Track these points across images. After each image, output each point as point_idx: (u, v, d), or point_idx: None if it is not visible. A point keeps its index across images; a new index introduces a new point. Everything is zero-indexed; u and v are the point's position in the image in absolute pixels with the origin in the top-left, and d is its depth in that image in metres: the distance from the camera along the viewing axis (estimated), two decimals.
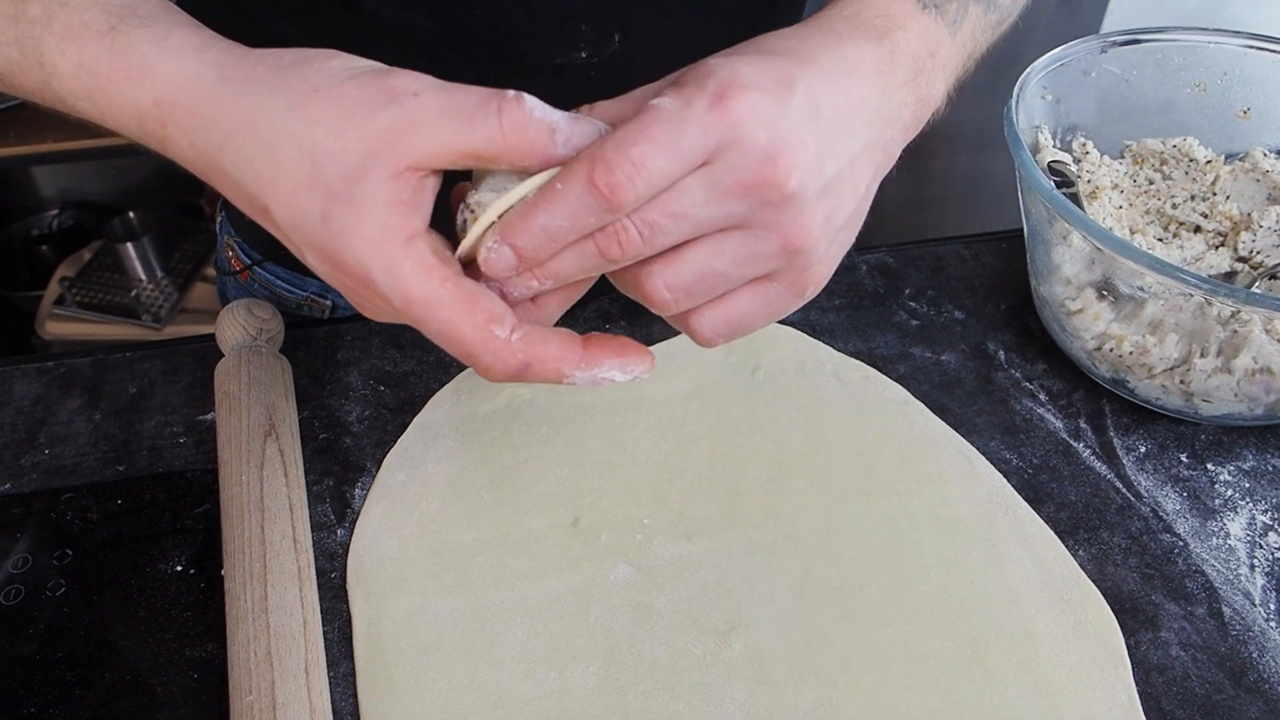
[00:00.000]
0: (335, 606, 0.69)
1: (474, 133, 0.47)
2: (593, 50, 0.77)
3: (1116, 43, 0.91)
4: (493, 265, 0.49)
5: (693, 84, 0.49)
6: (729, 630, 0.68)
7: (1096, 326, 0.81)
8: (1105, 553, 0.74)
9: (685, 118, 0.48)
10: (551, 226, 0.48)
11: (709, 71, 0.49)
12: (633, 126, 0.47)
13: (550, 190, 0.48)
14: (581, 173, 0.47)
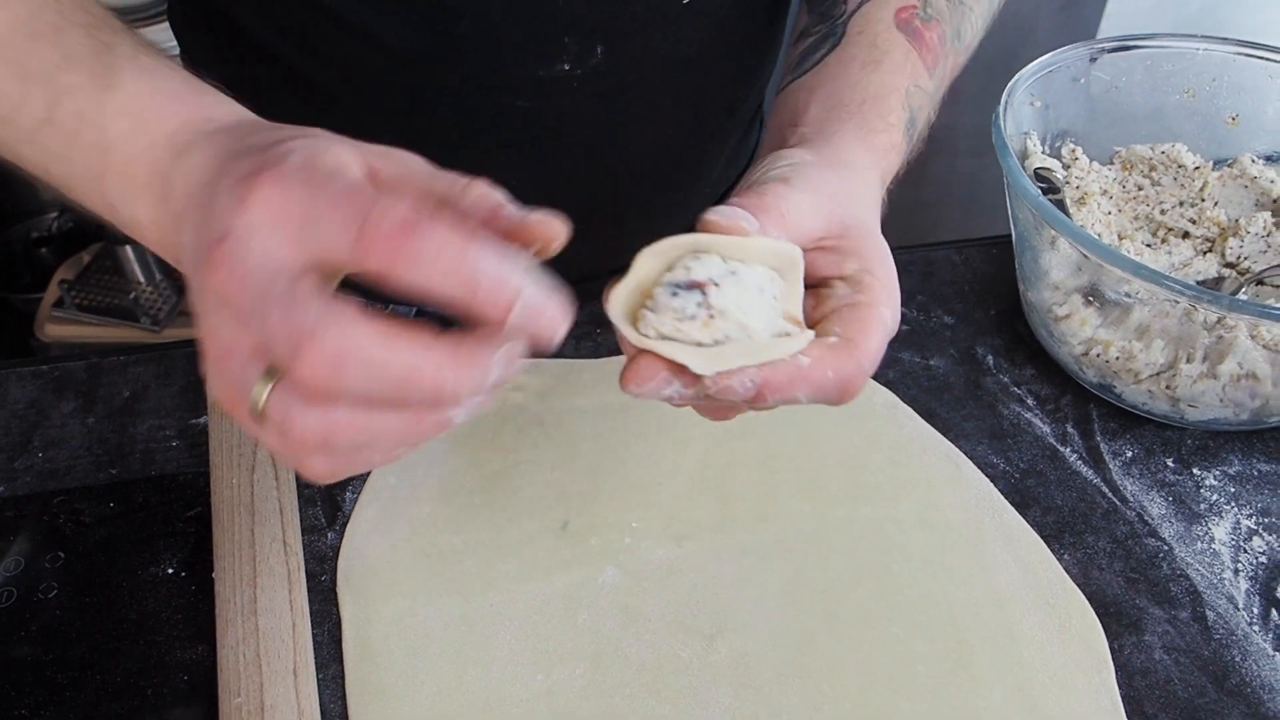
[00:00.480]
0: (325, 609, 0.69)
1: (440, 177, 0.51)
2: (575, 62, 0.78)
3: (1106, 49, 0.92)
4: (732, 391, 0.51)
5: (891, 293, 0.57)
6: (715, 633, 0.68)
7: (1084, 332, 0.81)
8: (1090, 557, 0.74)
9: (891, 333, 0.56)
10: (799, 397, 0.53)
11: (894, 280, 0.58)
12: (876, 340, 0.55)
13: (820, 372, 0.53)
14: (848, 373, 0.53)
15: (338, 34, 0.77)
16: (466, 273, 0.42)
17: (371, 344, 0.42)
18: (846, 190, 0.61)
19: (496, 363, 0.44)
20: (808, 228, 0.56)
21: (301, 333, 0.42)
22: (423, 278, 0.42)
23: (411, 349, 0.43)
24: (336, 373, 0.42)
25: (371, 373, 0.43)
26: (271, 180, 0.44)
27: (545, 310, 0.44)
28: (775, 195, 0.56)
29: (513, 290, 0.43)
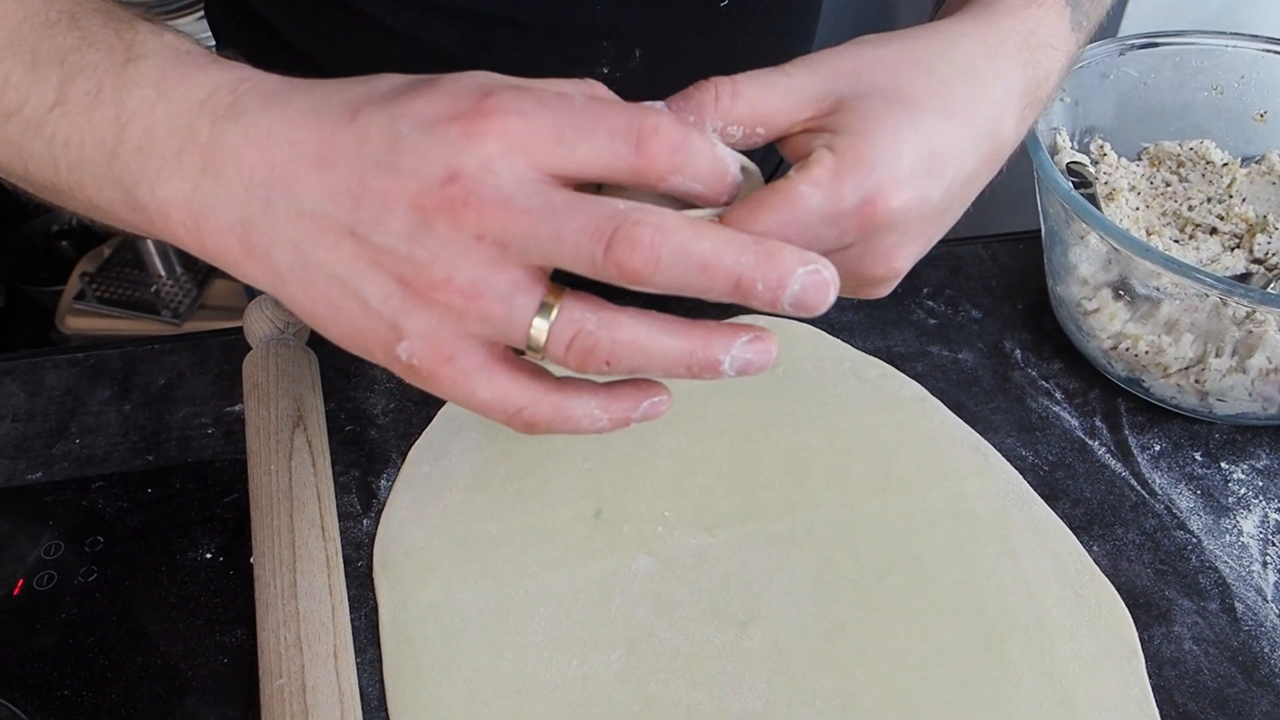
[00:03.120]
0: (361, 594, 0.70)
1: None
2: (614, 66, 0.79)
3: (1135, 46, 0.92)
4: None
5: (851, 167, 0.47)
6: (748, 621, 0.69)
7: (1113, 326, 0.82)
8: (1119, 549, 0.75)
9: (818, 220, 0.47)
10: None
11: (870, 159, 0.48)
12: (767, 216, 0.46)
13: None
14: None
15: (379, 40, 0.78)
16: (721, 163, 0.45)
17: (680, 229, 0.42)
18: (889, 58, 0.52)
19: (796, 277, 0.44)
20: (776, 109, 0.50)
21: (612, 223, 0.42)
22: (691, 175, 0.44)
23: (715, 235, 0.43)
24: (653, 260, 0.42)
25: (683, 261, 0.43)
26: (503, 110, 0.42)
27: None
28: (720, 82, 0.50)
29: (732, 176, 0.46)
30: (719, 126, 0.50)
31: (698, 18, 0.79)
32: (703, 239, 0.43)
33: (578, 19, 0.76)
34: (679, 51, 0.80)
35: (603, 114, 0.43)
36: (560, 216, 0.42)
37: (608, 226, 0.42)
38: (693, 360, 0.46)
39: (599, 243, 0.42)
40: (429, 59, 0.78)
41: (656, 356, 0.45)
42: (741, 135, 0.50)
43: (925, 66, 0.52)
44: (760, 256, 0.43)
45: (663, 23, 0.78)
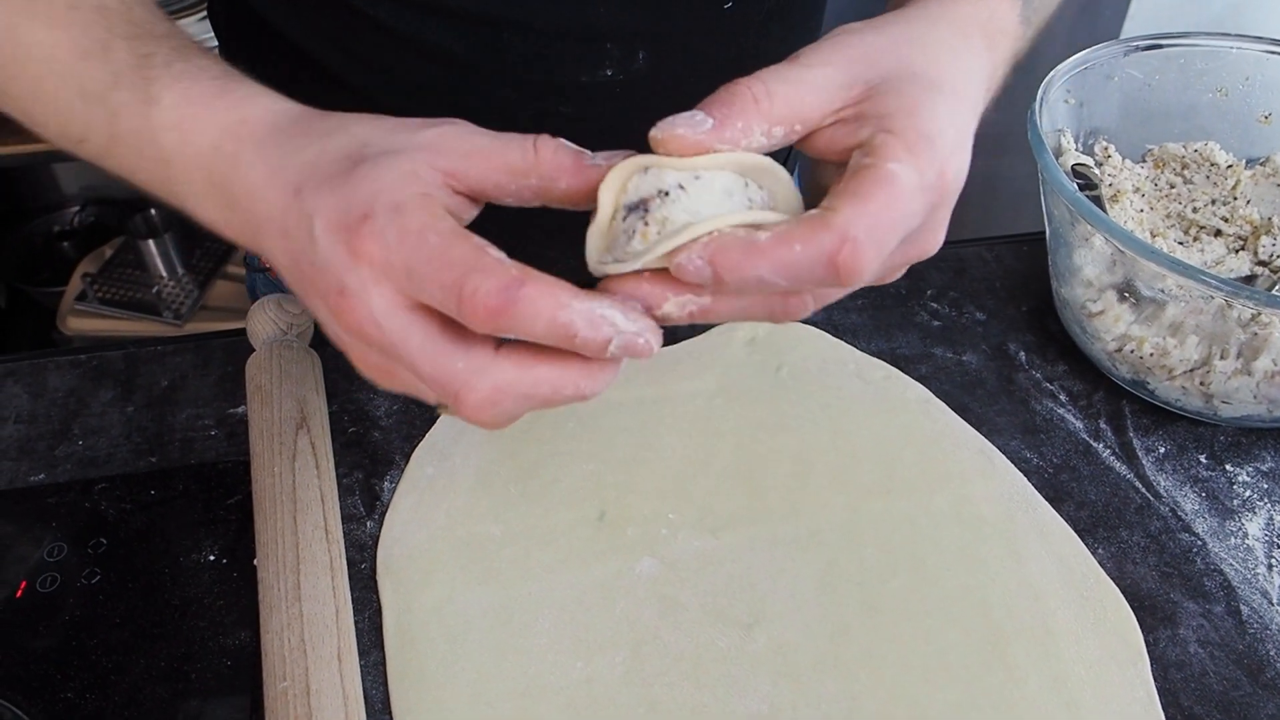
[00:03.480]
0: (365, 597, 0.70)
1: (509, 147, 0.49)
2: (618, 69, 0.79)
3: (1139, 47, 0.92)
4: (686, 272, 0.47)
5: (922, 142, 0.49)
6: (753, 623, 0.69)
7: (1117, 328, 0.81)
8: (1124, 551, 0.75)
9: (919, 195, 0.48)
10: (767, 279, 0.46)
11: (930, 133, 0.49)
12: (878, 203, 0.46)
13: (786, 246, 0.46)
14: (827, 246, 0.45)
15: (381, 41, 0.78)
16: (562, 328, 0.45)
17: (517, 379, 0.48)
18: (888, 44, 0.54)
19: (622, 366, 0.49)
20: (809, 104, 0.51)
21: (453, 385, 0.47)
22: (524, 334, 0.46)
23: (550, 371, 0.48)
24: (494, 406, 0.48)
25: (524, 399, 0.48)
26: (370, 236, 0.46)
27: (638, 340, 0.47)
28: (751, 84, 0.51)
29: (605, 336, 0.46)
30: (765, 129, 0.50)
31: (702, 20, 0.79)
32: (538, 386, 0.48)
33: (581, 21, 0.76)
34: (683, 54, 0.80)
35: (440, 265, 0.45)
36: (413, 360, 0.48)
37: (449, 388, 0.48)
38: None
39: (447, 396, 0.48)
40: (430, 60, 0.78)
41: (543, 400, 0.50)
42: (783, 135, 0.51)
43: (919, 48, 0.54)
44: (584, 373, 0.49)
45: (667, 25, 0.78)
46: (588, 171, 0.48)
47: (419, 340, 0.47)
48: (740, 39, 0.81)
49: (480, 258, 0.45)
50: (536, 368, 0.48)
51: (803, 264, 0.46)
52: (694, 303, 0.49)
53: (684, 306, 0.49)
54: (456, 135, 0.50)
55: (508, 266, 0.45)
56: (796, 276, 0.46)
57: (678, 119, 0.49)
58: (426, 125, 0.50)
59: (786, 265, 0.46)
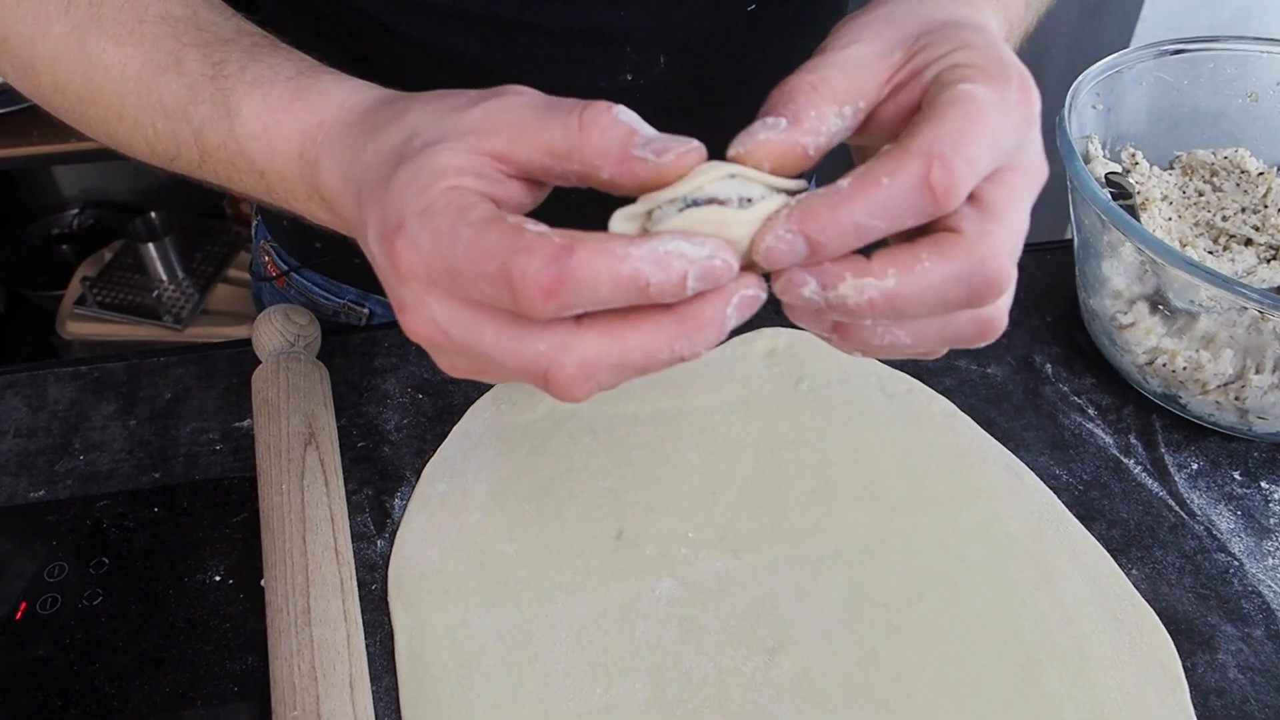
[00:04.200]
0: (376, 619, 0.68)
1: (552, 125, 0.44)
2: (638, 73, 0.76)
3: (1168, 51, 0.90)
4: (778, 254, 0.43)
5: (995, 68, 0.46)
6: (777, 647, 0.67)
7: (1148, 341, 0.79)
8: (1159, 572, 0.72)
9: (1005, 112, 0.45)
10: (864, 224, 0.43)
11: (997, 54, 0.47)
12: (961, 119, 0.43)
13: (872, 183, 0.42)
14: (915, 169, 0.42)
15: (392, 45, 0.75)
16: (628, 281, 0.41)
17: (605, 351, 0.43)
18: (904, 9, 0.52)
19: (730, 315, 0.44)
20: (862, 78, 0.48)
21: (539, 369, 0.44)
22: (592, 303, 0.42)
23: (641, 337, 0.43)
24: (588, 381, 0.44)
25: (618, 369, 0.44)
26: (406, 248, 0.44)
27: (714, 263, 0.43)
28: (802, 75, 0.48)
29: (679, 271, 0.42)
30: (837, 111, 0.47)
31: (724, 23, 0.76)
32: (629, 354, 0.44)
33: (600, 25, 0.73)
34: (704, 57, 0.78)
35: (478, 258, 0.42)
36: (492, 357, 0.45)
37: (535, 370, 0.44)
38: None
39: (536, 378, 0.45)
40: (443, 65, 0.76)
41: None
42: (853, 115, 0.48)
43: (935, 6, 0.53)
44: (679, 331, 0.44)
45: (688, 28, 0.75)
46: (633, 164, 0.44)
47: (491, 336, 0.44)
48: (763, 42, 0.79)
49: (518, 238, 0.41)
50: (624, 334, 0.43)
51: (895, 196, 0.42)
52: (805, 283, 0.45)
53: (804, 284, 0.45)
54: (502, 111, 0.46)
55: (549, 237, 0.41)
56: (893, 212, 0.43)
57: (754, 128, 0.46)
58: (478, 100, 0.47)
59: (879, 203, 0.42)
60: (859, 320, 0.46)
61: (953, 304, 0.45)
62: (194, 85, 0.55)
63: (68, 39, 0.60)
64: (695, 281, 0.42)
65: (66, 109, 0.64)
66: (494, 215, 0.42)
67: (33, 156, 2.01)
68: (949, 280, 0.44)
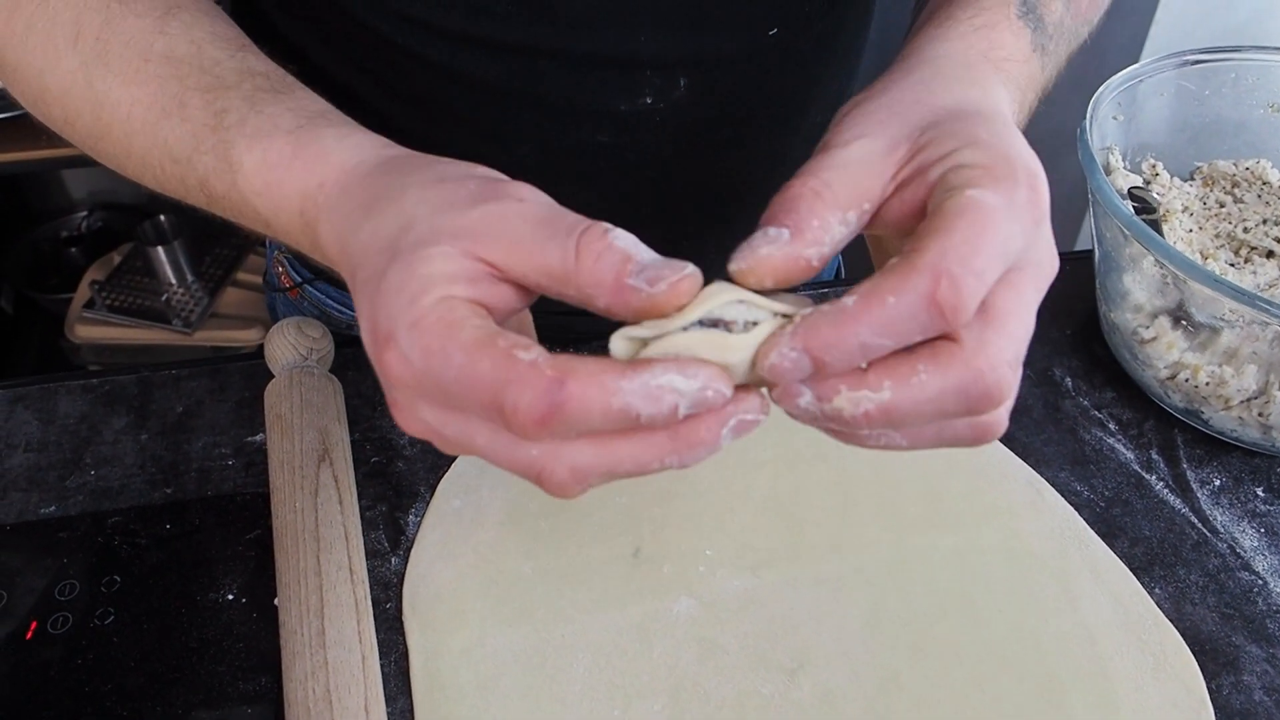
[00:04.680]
0: (390, 639, 0.67)
1: (549, 247, 0.43)
2: (658, 96, 0.75)
3: (1189, 61, 0.89)
4: (782, 371, 0.42)
5: (1002, 170, 0.44)
6: (797, 668, 0.66)
7: (1170, 356, 0.78)
8: (1182, 591, 0.71)
9: (1014, 216, 0.43)
10: (870, 343, 0.42)
11: (1003, 151, 0.46)
12: (969, 230, 0.42)
13: (877, 301, 0.41)
14: (923, 287, 0.41)
15: (411, 69, 0.74)
16: (619, 415, 0.41)
17: (596, 459, 0.43)
18: (908, 98, 0.51)
19: (725, 435, 0.44)
20: (866, 178, 0.47)
21: (531, 472, 0.44)
22: (583, 431, 0.42)
23: (633, 450, 0.43)
24: (578, 484, 0.44)
25: (609, 475, 0.44)
26: (397, 361, 0.44)
27: (706, 394, 0.42)
28: (804, 181, 0.47)
29: (669, 405, 0.42)
30: (840, 218, 0.46)
31: (745, 46, 0.75)
32: (620, 464, 0.44)
33: (621, 49, 0.72)
34: (725, 81, 0.76)
35: (470, 385, 0.42)
36: (486, 454, 0.45)
37: (529, 473, 0.44)
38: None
39: (529, 477, 0.45)
40: (462, 88, 0.75)
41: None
42: (856, 220, 0.47)
43: (939, 90, 0.52)
44: (671, 447, 0.43)
45: (709, 52, 0.74)
46: (627, 294, 0.42)
47: (484, 440, 0.44)
48: (784, 66, 0.78)
49: (510, 368, 0.41)
50: (615, 446, 0.43)
51: (902, 314, 0.41)
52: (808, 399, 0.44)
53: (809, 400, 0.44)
54: (501, 219, 0.44)
55: (542, 368, 0.40)
56: (900, 331, 0.42)
57: (755, 242, 0.45)
58: (477, 199, 0.46)
59: (885, 322, 0.41)
60: (855, 430, 0.45)
61: (950, 414, 0.44)
62: (197, 134, 0.55)
63: (76, 75, 0.60)
64: (687, 410, 0.42)
65: (77, 140, 0.64)
66: (485, 337, 0.42)
67: (41, 160, 2.00)
68: (946, 392, 0.43)
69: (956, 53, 0.56)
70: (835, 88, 0.85)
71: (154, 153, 0.58)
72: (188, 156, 0.56)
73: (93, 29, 0.59)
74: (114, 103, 0.59)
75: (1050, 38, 0.63)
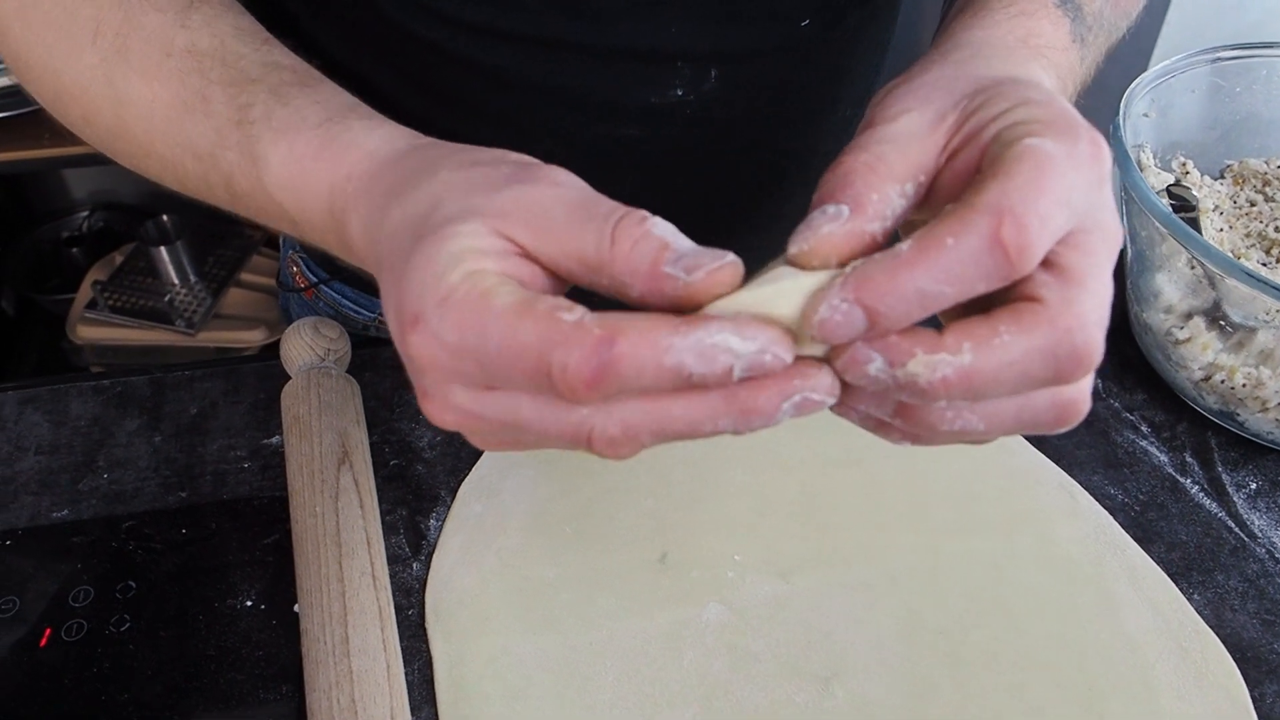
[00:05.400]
0: (414, 646, 0.65)
1: (584, 233, 0.41)
2: (688, 88, 0.74)
3: (1220, 58, 0.87)
4: (833, 326, 0.39)
5: (1061, 124, 0.42)
6: (831, 676, 0.64)
7: (1205, 357, 0.77)
8: (1221, 597, 0.70)
9: (1076, 166, 0.41)
10: (929, 290, 0.39)
11: (1059, 108, 0.43)
12: (1032, 173, 0.40)
13: (935, 244, 0.39)
14: (984, 227, 0.38)
15: (435, 62, 0.73)
16: (671, 373, 0.39)
17: (648, 416, 0.41)
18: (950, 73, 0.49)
19: (785, 409, 0.41)
20: (918, 150, 0.45)
21: (581, 434, 0.42)
22: (636, 389, 0.40)
23: (686, 408, 0.41)
24: (630, 443, 0.42)
25: (660, 434, 0.41)
26: (427, 341, 0.42)
27: (764, 358, 0.39)
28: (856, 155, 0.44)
29: (723, 365, 0.39)
30: (900, 190, 0.44)
31: (778, 37, 0.74)
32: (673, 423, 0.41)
33: (651, 42, 0.71)
34: (756, 73, 0.75)
35: (513, 355, 0.40)
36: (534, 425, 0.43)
37: (578, 437, 0.42)
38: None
39: (579, 444, 0.42)
40: (487, 82, 0.73)
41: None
42: (914, 191, 0.44)
43: (981, 64, 0.50)
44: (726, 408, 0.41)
45: (742, 43, 0.72)
46: (663, 282, 0.40)
47: (528, 409, 0.42)
48: (817, 56, 0.76)
49: (554, 328, 0.39)
50: (668, 404, 0.41)
51: (963, 258, 0.38)
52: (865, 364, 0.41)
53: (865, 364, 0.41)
54: (536, 201, 0.43)
55: (589, 327, 0.39)
56: (961, 276, 0.39)
57: (814, 221, 0.42)
58: (510, 180, 0.44)
59: (944, 267, 0.38)
60: (930, 402, 0.42)
61: (1036, 381, 0.41)
62: (221, 129, 0.54)
63: (95, 71, 0.58)
64: (742, 373, 0.40)
65: (95, 140, 0.62)
66: (522, 301, 0.40)
67: (42, 159, 1.98)
68: (1032, 354, 0.40)
69: (995, 39, 0.54)
70: (863, 83, 0.84)
71: (176, 151, 0.56)
72: (211, 153, 0.55)
73: (112, 25, 0.58)
74: (134, 100, 0.57)
75: (1089, 29, 0.61)
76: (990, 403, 0.43)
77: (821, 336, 0.40)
